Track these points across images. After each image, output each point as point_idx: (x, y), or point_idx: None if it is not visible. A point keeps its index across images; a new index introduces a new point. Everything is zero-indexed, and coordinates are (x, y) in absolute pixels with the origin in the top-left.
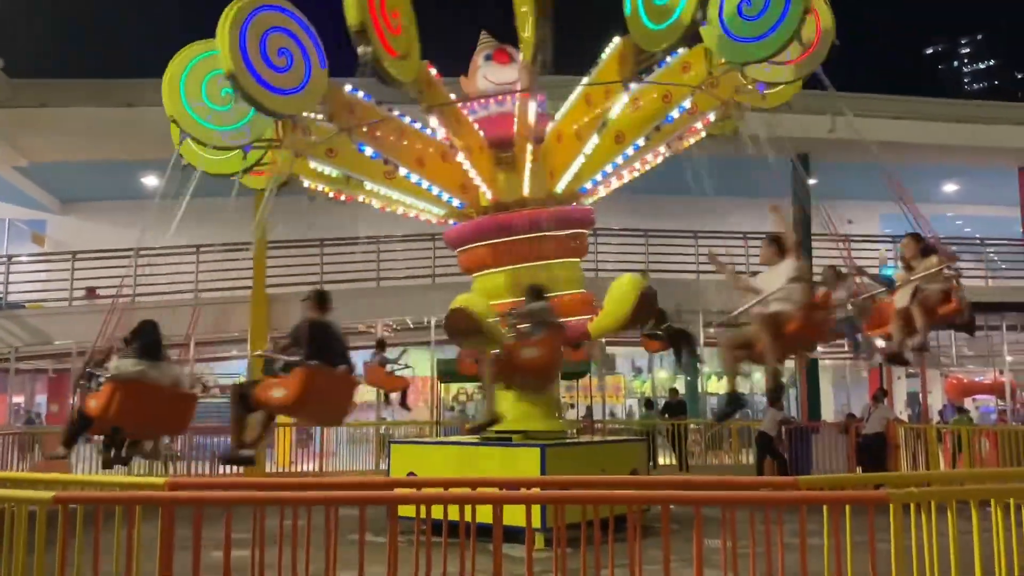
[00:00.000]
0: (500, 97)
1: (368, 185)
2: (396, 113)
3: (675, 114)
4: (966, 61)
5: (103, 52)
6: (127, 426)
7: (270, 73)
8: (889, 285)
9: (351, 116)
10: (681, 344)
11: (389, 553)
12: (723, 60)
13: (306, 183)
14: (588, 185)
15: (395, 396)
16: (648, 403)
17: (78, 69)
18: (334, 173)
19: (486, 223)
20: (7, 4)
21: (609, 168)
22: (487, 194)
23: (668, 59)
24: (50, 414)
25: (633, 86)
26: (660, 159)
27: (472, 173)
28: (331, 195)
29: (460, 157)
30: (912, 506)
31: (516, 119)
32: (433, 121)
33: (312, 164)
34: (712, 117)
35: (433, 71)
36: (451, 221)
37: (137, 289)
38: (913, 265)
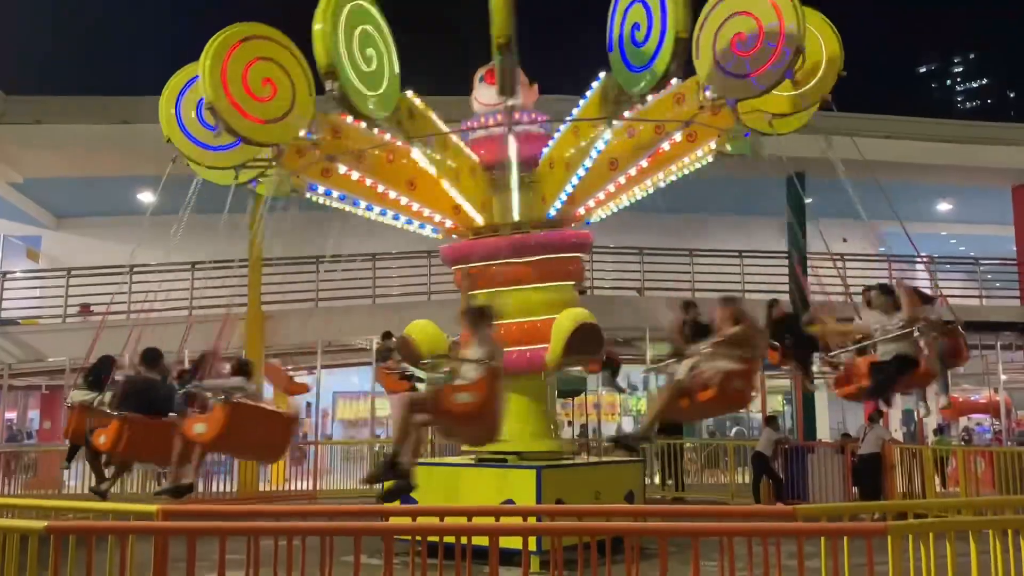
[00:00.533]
0: (496, 118)
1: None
2: (387, 136)
3: (667, 145)
4: (958, 80)
5: (98, 69)
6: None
7: (251, 103)
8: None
9: (337, 140)
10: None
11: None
12: (711, 95)
13: (308, 195)
14: (582, 210)
15: None
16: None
17: (74, 86)
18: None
19: (483, 244)
20: (2, 21)
21: (603, 193)
22: (477, 218)
23: (662, 90)
24: (42, 431)
25: (621, 118)
26: (665, 182)
27: (459, 198)
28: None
29: (445, 184)
30: (911, 535)
31: (506, 144)
32: (415, 152)
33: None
34: (714, 144)
35: (417, 101)
36: (454, 236)
37: (132, 306)
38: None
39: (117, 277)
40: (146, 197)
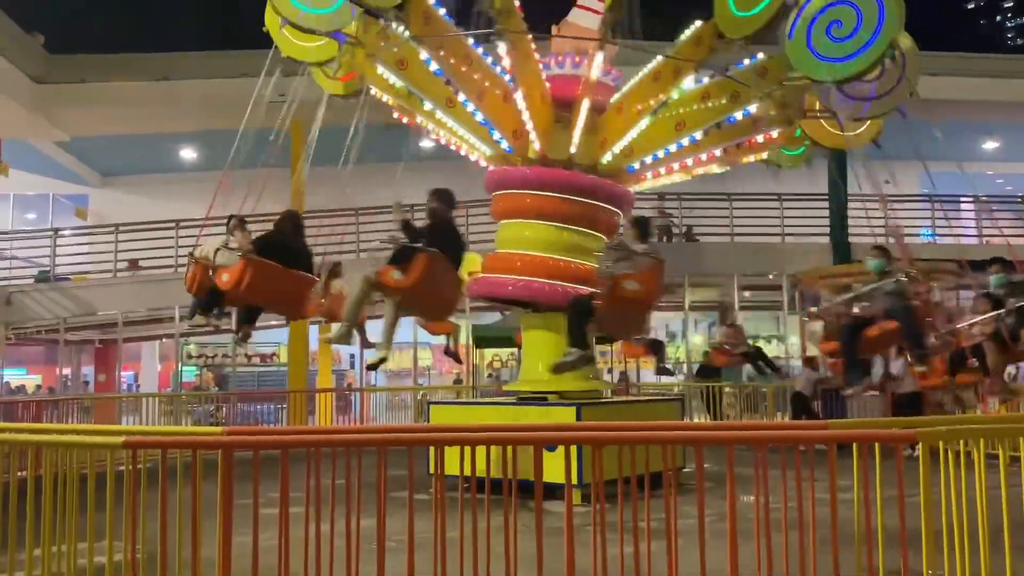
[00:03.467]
0: (576, 59)
1: (427, 106)
2: (470, 42)
3: (739, 116)
4: (1009, 16)
5: (141, 26)
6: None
7: None
8: None
9: (427, 26)
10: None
11: (435, 496)
12: (809, 78)
13: (372, 90)
14: (636, 164)
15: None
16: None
17: (116, 44)
18: (399, 84)
19: (543, 174)
20: None
21: (661, 154)
22: (536, 145)
23: (746, 62)
24: (98, 384)
25: (703, 77)
26: (715, 166)
27: (526, 117)
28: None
29: (519, 96)
30: (941, 451)
31: (583, 77)
32: (502, 49)
33: (381, 71)
34: (774, 134)
35: (442, 10)
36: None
37: (179, 260)
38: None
39: (163, 232)
40: (188, 154)
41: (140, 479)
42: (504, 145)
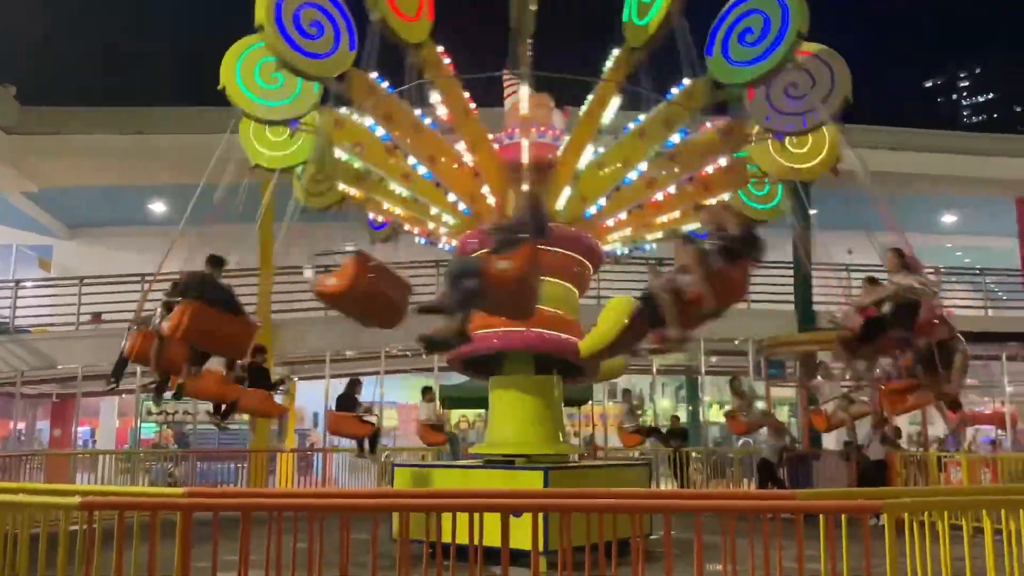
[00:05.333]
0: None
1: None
2: (416, 113)
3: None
4: (965, 94)
5: (114, 80)
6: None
7: (299, 37)
8: None
9: (371, 97)
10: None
11: (399, 563)
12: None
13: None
14: (593, 210)
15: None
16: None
17: (90, 96)
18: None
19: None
20: (19, 31)
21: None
22: (491, 203)
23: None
24: (52, 439)
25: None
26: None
27: (482, 177)
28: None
29: (462, 149)
30: (907, 523)
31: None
32: (443, 111)
33: (339, 154)
34: (723, 162)
35: (447, 60)
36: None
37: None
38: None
39: (129, 286)
40: (157, 207)
41: (95, 540)
42: (461, 207)
